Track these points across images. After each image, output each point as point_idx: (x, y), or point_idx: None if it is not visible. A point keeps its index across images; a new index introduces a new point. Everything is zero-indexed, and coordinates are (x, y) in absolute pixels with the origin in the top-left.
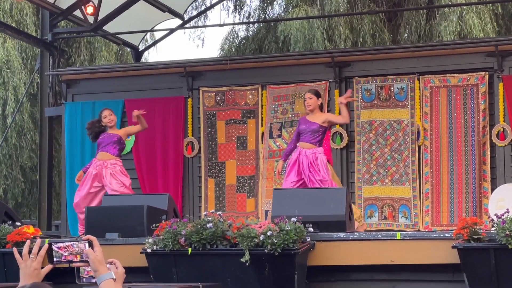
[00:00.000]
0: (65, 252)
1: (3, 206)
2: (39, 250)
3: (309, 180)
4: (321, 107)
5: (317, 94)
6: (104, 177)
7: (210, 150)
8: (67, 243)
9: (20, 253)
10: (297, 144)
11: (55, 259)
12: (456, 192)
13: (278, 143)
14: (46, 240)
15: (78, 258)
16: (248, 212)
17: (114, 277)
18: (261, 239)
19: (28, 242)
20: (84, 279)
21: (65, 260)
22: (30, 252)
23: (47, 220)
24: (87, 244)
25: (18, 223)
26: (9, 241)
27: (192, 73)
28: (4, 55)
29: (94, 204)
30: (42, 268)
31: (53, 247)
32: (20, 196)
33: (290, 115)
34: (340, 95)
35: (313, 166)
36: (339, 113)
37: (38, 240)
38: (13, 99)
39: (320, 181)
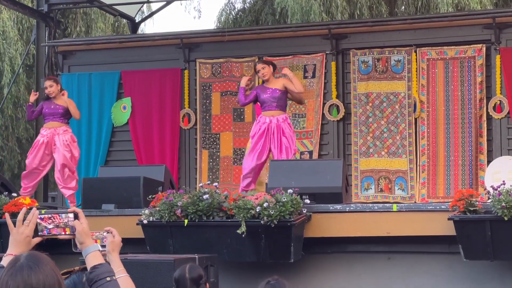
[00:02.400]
0: (50, 224)
1: None
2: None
3: (278, 149)
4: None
5: (267, 62)
6: (55, 144)
7: (204, 121)
8: (52, 214)
9: (14, 221)
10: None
11: (39, 233)
12: (452, 165)
13: None
14: (43, 211)
15: (68, 232)
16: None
17: (100, 249)
18: (257, 210)
19: (24, 209)
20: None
21: (49, 234)
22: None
23: (43, 192)
24: (72, 215)
25: (14, 194)
26: (5, 212)
27: (188, 44)
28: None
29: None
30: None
31: (37, 219)
32: (16, 167)
33: None
34: (337, 67)
35: (284, 134)
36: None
37: (36, 211)
38: (9, 70)
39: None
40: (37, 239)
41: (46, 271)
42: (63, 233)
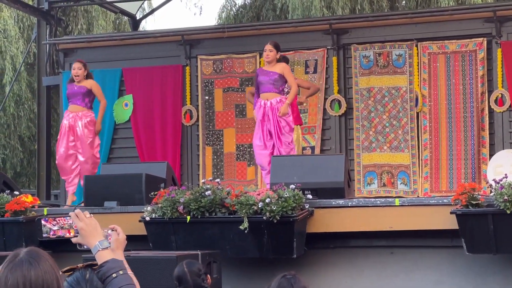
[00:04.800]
0: (54, 226)
1: (1, 175)
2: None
3: (277, 138)
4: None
5: (277, 48)
6: (77, 127)
7: (207, 118)
8: (55, 217)
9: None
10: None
11: (44, 235)
12: (455, 159)
13: None
14: (45, 209)
15: (72, 233)
16: (249, 180)
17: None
18: (259, 206)
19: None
20: (85, 246)
21: (54, 236)
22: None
23: (46, 190)
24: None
25: (16, 192)
26: (7, 210)
27: (189, 41)
28: (1, 24)
29: (73, 165)
30: None
31: (42, 220)
32: (18, 165)
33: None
34: (338, 62)
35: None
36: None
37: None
38: (11, 69)
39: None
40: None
41: (45, 268)
42: (68, 234)
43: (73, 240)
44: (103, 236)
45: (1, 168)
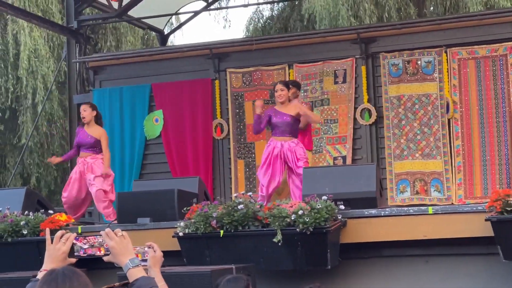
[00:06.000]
0: (85, 245)
1: (35, 195)
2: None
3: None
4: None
5: (288, 86)
6: (86, 171)
7: (238, 131)
8: (86, 236)
9: (51, 237)
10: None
11: (75, 253)
12: (488, 164)
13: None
14: (79, 227)
15: (103, 251)
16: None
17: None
18: (292, 218)
19: (62, 231)
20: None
21: (85, 254)
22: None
23: None
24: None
25: (51, 211)
26: (42, 229)
27: (218, 54)
28: (31, 44)
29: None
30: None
31: (73, 239)
32: (52, 183)
33: (319, 94)
34: (367, 71)
35: (298, 159)
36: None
37: (73, 235)
38: (42, 88)
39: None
40: (72, 259)
41: (81, 281)
42: (98, 252)
43: (105, 258)
44: (140, 253)
45: (35, 187)
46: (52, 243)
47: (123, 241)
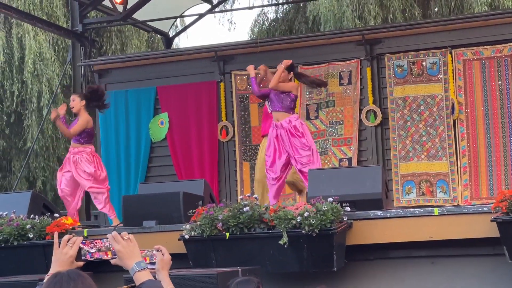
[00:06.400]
0: (92, 248)
1: (41, 198)
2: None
3: (293, 150)
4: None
5: (289, 69)
6: (69, 164)
7: (243, 133)
8: (93, 240)
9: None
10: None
11: (82, 257)
12: (494, 165)
13: (316, 125)
14: (85, 231)
15: (110, 255)
16: (287, 194)
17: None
18: (298, 220)
19: (69, 235)
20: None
21: (92, 258)
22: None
23: (86, 210)
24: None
25: (56, 215)
26: (48, 233)
27: (223, 57)
28: (36, 47)
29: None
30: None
31: (80, 243)
32: None
33: (324, 96)
34: (372, 72)
35: (293, 135)
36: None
37: (80, 238)
38: (47, 91)
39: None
40: (80, 263)
41: (85, 283)
42: (105, 256)
43: (112, 262)
44: (148, 256)
45: (41, 190)
46: (59, 247)
47: (129, 244)
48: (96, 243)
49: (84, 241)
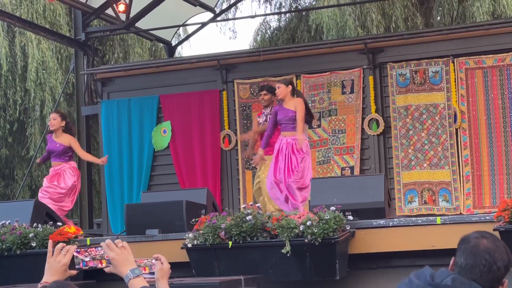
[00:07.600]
0: (86, 257)
1: (44, 207)
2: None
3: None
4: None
5: (286, 83)
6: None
7: (246, 142)
8: (87, 248)
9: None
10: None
11: (76, 266)
12: (497, 174)
13: (318, 133)
14: (88, 239)
15: (104, 264)
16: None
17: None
18: (301, 229)
19: (63, 243)
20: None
21: (86, 267)
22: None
23: (88, 219)
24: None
25: (59, 223)
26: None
27: (225, 65)
28: (39, 56)
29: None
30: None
31: (74, 252)
32: None
33: (327, 104)
34: (375, 81)
35: (294, 153)
36: None
37: (73, 247)
38: (50, 100)
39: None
40: (73, 271)
41: None
42: (100, 264)
43: (106, 270)
44: (147, 266)
45: None
46: (52, 255)
47: (123, 252)
48: (90, 251)
49: (78, 250)
